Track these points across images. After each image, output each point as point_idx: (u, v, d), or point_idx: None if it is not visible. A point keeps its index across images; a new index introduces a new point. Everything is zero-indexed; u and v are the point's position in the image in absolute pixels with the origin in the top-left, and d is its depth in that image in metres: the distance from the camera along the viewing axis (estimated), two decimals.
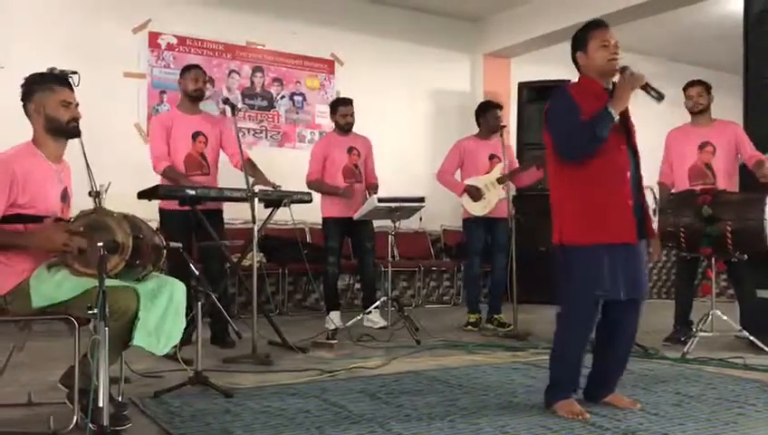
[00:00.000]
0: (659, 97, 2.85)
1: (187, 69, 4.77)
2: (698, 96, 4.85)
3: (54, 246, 2.54)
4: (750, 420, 2.80)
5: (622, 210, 2.84)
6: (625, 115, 2.92)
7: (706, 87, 4.87)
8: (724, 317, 4.38)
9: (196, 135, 4.67)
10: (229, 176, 4.85)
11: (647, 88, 2.86)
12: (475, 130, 5.76)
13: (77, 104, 2.82)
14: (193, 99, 4.69)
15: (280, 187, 4.52)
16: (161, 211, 4.59)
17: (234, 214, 5.51)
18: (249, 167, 4.65)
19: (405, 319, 4.99)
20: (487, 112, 5.68)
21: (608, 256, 2.82)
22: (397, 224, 5.19)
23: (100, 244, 2.32)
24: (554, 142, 2.91)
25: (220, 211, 4.77)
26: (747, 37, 5.12)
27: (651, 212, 3.02)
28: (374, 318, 5.46)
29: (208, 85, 6.65)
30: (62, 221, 2.65)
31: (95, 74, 5.04)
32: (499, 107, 5.73)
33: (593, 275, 2.82)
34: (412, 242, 7.52)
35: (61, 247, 2.52)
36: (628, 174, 2.88)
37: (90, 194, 2.87)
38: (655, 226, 4.42)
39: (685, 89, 4.93)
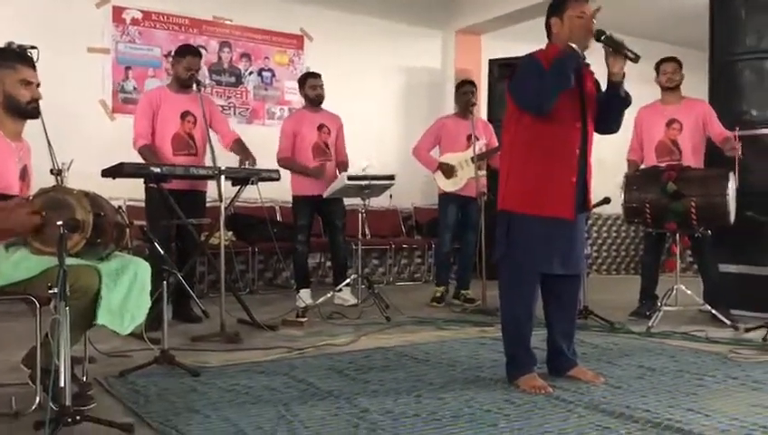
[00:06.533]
0: (635, 58, 2.87)
1: (181, 53, 4.69)
2: (673, 72, 4.89)
3: (26, 229, 2.45)
4: (709, 392, 2.86)
5: (564, 187, 2.90)
6: (584, 91, 2.95)
7: (680, 64, 4.92)
8: (688, 292, 4.47)
9: (184, 115, 4.64)
10: (227, 158, 4.75)
11: (621, 49, 2.86)
12: (449, 107, 5.80)
13: (38, 84, 2.76)
14: (183, 82, 4.64)
15: (252, 164, 4.52)
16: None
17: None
18: (238, 147, 4.66)
19: (375, 296, 5.00)
20: (459, 90, 5.78)
21: (544, 228, 2.89)
22: (367, 202, 5.18)
23: (60, 222, 2.27)
24: (518, 94, 2.92)
25: (203, 193, 4.76)
26: (713, 15, 5.19)
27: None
28: (344, 296, 5.46)
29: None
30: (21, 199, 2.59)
31: (57, 49, 4.95)
32: (470, 83, 5.78)
33: (530, 244, 2.90)
34: (383, 220, 7.52)
35: (32, 230, 2.43)
36: (578, 151, 2.93)
37: (51, 172, 2.83)
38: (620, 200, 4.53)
39: (659, 64, 4.96)
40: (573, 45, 2.82)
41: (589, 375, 3.03)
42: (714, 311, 4.46)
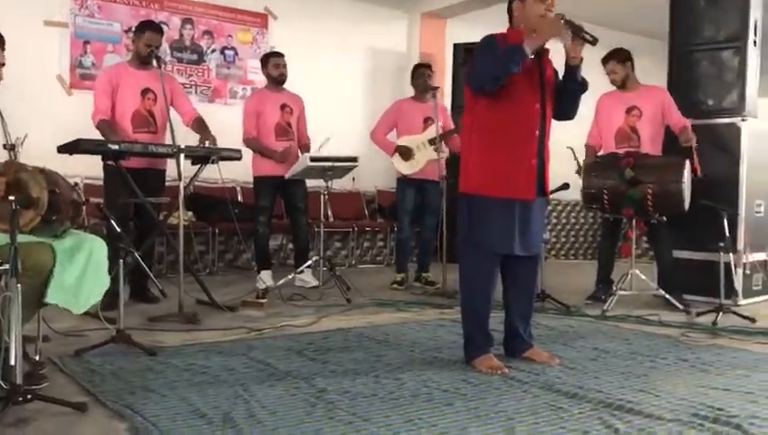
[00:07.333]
0: (593, 41, 2.89)
1: (142, 29, 4.58)
2: (611, 72, 4.94)
3: None
4: (660, 373, 2.94)
5: (525, 168, 2.94)
6: (543, 71, 2.98)
7: (620, 59, 4.91)
8: (643, 277, 4.56)
9: (145, 92, 4.56)
10: (187, 136, 4.66)
11: (580, 33, 2.88)
12: (411, 90, 5.83)
13: (3, 64, 2.68)
14: (143, 59, 4.55)
15: (207, 144, 4.46)
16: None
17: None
18: (198, 126, 4.60)
19: (336, 278, 5.00)
20: (416, 72, 5.78)
21: (505, 210, 2.92)
22: (330, 184, 5.16)
23: (12, 198, 2.22)
24: (469, 75, 2.95)
25: (162, 171, 4.69)
26: (673, 5, 5.27)
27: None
28: (306, 278, 5.45)
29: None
30: None
31: (13, 22, 4.83)
32: (426, 66, 5.80)
33: (491, 227, 2.93)
34: (346, 202, 7.50)
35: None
36: (537, 133, 2.96)
37: (4, 147, 2.76)
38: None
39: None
40: (525, 45, 2.80)
41: (544, 356, 3.09)
42: (667, 295, 4.57)
